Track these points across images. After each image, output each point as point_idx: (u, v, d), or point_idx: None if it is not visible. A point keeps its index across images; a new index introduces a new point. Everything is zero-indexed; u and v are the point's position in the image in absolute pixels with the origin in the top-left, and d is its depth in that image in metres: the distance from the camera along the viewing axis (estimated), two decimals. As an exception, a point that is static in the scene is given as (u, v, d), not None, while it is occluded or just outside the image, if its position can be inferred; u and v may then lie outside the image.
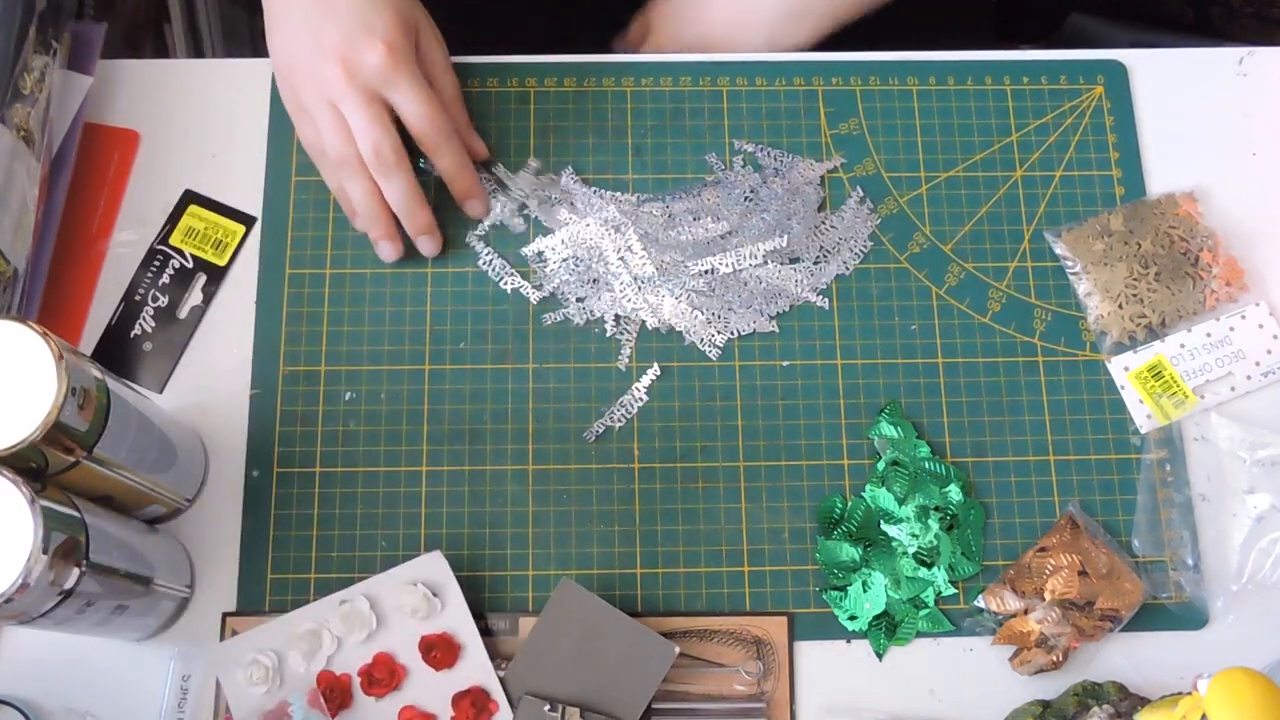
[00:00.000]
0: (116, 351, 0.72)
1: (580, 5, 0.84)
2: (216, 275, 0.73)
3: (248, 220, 0.74)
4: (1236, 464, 0.71)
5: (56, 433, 0.53)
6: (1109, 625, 0.67)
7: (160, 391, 0.71)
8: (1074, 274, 0.74)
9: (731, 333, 0.73)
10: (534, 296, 0.73)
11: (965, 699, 0.67)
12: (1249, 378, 0.72)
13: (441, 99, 0.71)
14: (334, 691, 0.63)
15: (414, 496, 0.69)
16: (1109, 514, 0.70)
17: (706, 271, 0.73)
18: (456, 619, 0.65)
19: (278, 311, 0.73)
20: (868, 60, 0.79)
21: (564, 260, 0.74)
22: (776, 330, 0.73)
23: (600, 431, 0.71)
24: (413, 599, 0.64)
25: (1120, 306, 0.73)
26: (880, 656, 0.67)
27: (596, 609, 0.65)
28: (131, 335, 0.72)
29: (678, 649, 0.64)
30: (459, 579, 0.65)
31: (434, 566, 0.66)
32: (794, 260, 0.75)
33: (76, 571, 0.54)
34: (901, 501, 0.69)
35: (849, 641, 0.68)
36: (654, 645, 0.64)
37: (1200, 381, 0.72)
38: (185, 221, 0.74)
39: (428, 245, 0.73)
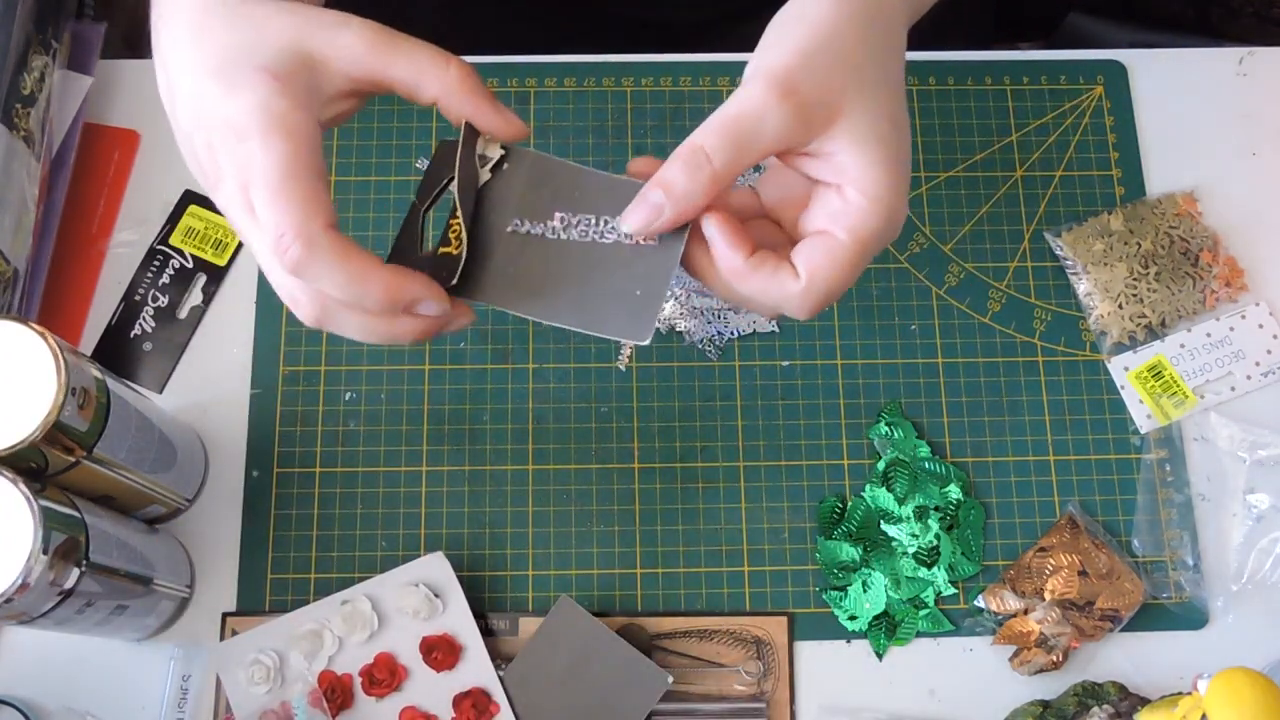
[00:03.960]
0: (116, 351, 0.72)
1: (580, 6, 0.84)
2: (216, 275, 0.73)
3: (248, 220, 0.74)
4: (1236, 464, 0.71)
5: (56, 433, 0.53)
6: (1109, 625, 0.67)
7: (160, 391, 0.71)
8: (1074, 274, 0.74)
9: (731, 333, 0.73)
10: (534, 296, 0.73)
11: (965, 699, 0.67)
12: (1249, 378, 0.72)
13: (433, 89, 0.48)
14: (336, 691, 0.63)
15: (414, 496, 0.69)
16: (1109, 514, 0.70)
17: (706, 271, 0.73)
18: (458, 620, 0.65)
19: (278, 311, 0.73)
20: (868, 60, 0.79)
21: (564, 260, 0.74)
22: (776, 330, 0.73)
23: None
24: (414, 600, 0.64)
25: (1120, 306, 0.73)
26: (880, 656, 0.67)
27: (592, 630, 0.64)
28: (131, 335, 0.72)
29: (671, 678, 0.64)
30: (459, 578, 0.65)
31: (436, 567, 0.66)
32: (794, 260, 0.74)
33: (76, 571, 0.54)
34: (901, 501, 0.69)
35: (849, 641, 0.68)
36: (647, 672, 0.64)
37: (1200, 381, 0.72)
38: (185, 221, 0.74)
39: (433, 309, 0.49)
